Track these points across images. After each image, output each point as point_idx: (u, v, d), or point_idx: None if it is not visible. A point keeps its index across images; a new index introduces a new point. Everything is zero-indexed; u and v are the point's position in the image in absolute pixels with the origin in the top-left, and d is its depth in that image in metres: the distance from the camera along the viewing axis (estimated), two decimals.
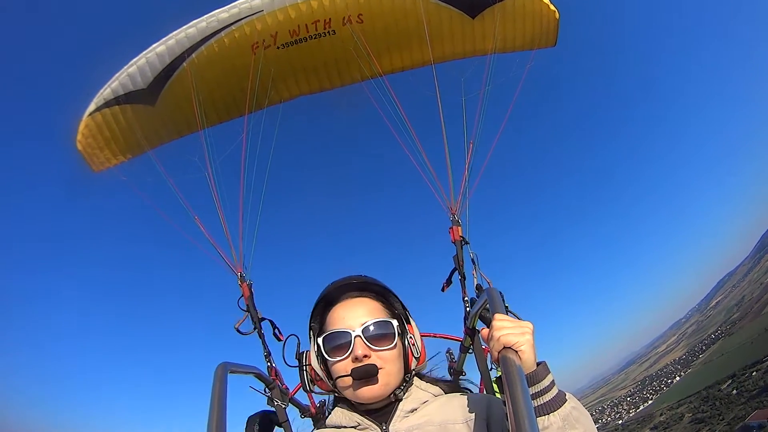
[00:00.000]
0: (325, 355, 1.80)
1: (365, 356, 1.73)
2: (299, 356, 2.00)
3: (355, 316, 1.81)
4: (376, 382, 1.73)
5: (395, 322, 1.83)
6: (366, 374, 1.70)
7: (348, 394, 1.78)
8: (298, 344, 2.03)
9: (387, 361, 1.76)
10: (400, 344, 1.85)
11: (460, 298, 3.57)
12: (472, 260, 3.68)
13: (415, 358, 1.91)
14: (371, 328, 1.77)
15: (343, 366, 1.75)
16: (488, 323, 1.65)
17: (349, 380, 1.73)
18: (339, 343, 1.77)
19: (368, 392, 1.72)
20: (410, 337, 1.92)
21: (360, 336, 1.75)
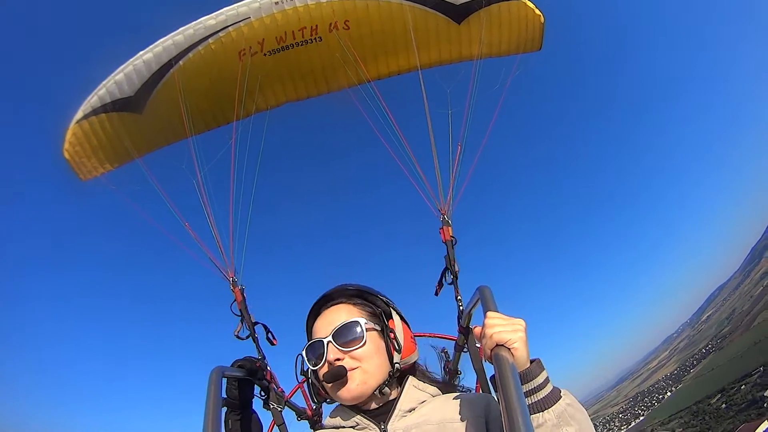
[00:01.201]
0: (310, 366, 1.91)
1: (337, 359, 1.82)
2: (304, 372, 2.05)
3: (328, 324, 1.91)
4: (351, 382, 1.80)
5: (363, 320, 1.91)
6: (333, 377, 1.79)
7: (333, 396, 1.87)
8: (302, 362, 2.05)
9: (362, 360, 1.83)
10: (378, 340, 1.93)
11: (453, 298, 3.60)
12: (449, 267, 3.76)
13: (396, 351, 1.94)
14: (339, 331, 1.86)
15: (322, 372, 1.84)
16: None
17: (328, 385, 1.83)
18: (316, 352, 1.88)
19: (345, 393, 1.80)
20: (390, 332, 1.97)
21: (331, 341, 1.84)
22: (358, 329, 1.87)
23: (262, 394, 3.00)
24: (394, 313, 2.09)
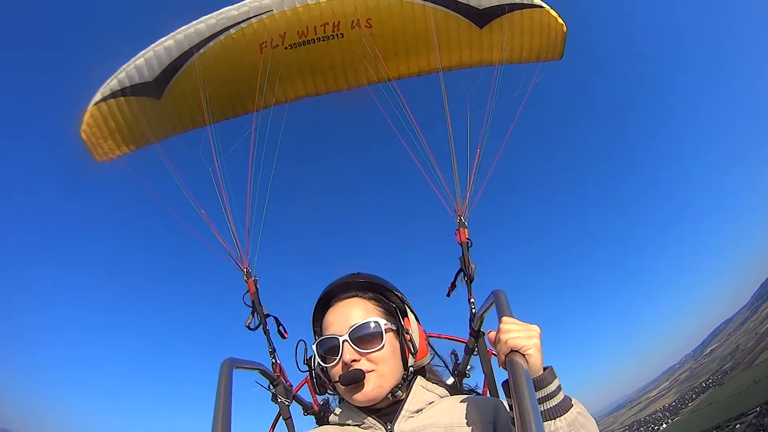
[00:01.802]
0: (320, 362, 1.83)
1: (354, 361, 1.74)
2: (308, 361, 1.99)
3: (343, 319, 1.82)
4: (367, 386, 1.73)
5: (383, 321, 1.82)
6: (351, 381, 1.71)
7: (346, 397, 1.79)
8: (305, 350, 2.00)
9: (378, 363, 1.76)
10: (394, 341, 1.85)
11: (466, 300, 3.57)
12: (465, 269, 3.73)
13: (411, 354, 1.88)
14: (358, 330, 1.77)
15: (336, 371, 1.77)
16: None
17: (341, 387, 1.75)
18: (330, 349, 1.79)
19: (361, 396, 1.73)
20: (407, 333, 1.90)
21: (347, 340, 1.76)
22: (378, 330, 1.79)
23: (271, 387, 2.99)
24: (409, 312, 2.01)
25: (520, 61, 5.70)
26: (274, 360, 3.55)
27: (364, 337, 1.77)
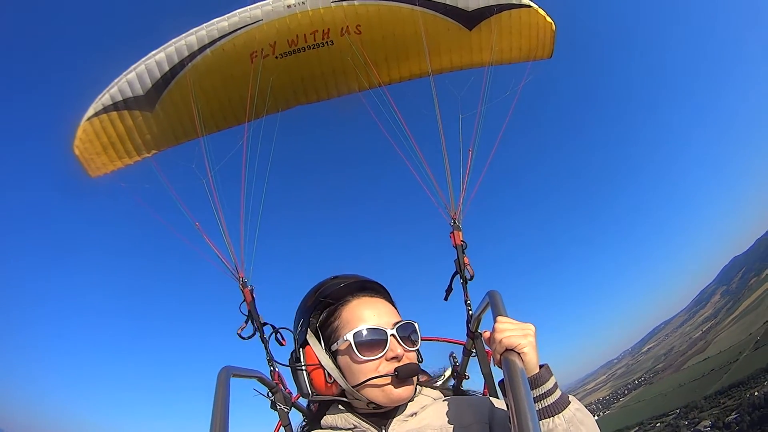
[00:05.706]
0: (357, 354, 1.69)
1: (403, 356, 1.70)
2: (297, 353, 1.88)
3: (382, 314, 1.77)
4: (414, 382, 1.71)
5: (417, 324, 1.81)
6: (412, 373, 1.67)
7: (376, 394, 1.68)
8: (296, 340, 1.93)
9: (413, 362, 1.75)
10: None
11: (462, 302, 3.57)
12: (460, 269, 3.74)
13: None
14: (403, 329, 1.74)
15: (374, 365, 1.68)
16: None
17: (386, 380, 1.66)
18: (374, 342, 1.70)
19: (405, 392, 1.68)
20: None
21: (395, 335, 1.71)
22: (416, 331, 1.79)
23: (269, 394, 2.97)
24: None
25: (510, 62, 5.72)
26: (272, 368, 3.54)
27: (407, 336, 1.74)
